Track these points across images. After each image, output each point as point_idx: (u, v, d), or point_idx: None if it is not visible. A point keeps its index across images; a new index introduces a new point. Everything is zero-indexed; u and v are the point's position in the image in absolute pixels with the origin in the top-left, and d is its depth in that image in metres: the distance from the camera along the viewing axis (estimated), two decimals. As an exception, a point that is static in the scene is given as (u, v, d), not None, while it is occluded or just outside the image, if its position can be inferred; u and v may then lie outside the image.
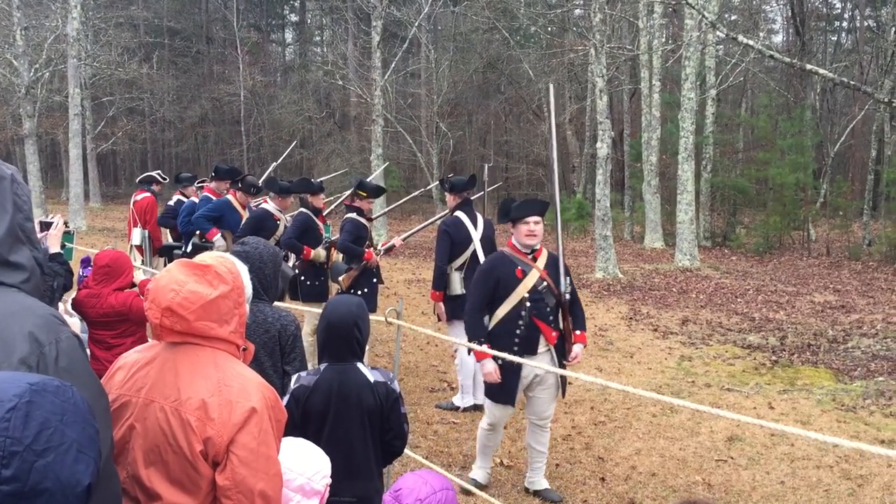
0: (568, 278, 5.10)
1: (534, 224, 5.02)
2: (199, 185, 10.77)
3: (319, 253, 7.53)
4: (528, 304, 4.95)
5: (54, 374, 1.66)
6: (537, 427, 5.21)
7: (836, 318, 11.43)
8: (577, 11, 28.33)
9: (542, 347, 5.03)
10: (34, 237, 1.86)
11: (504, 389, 5.01)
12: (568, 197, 27.61)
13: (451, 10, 33.13)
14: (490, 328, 5.06)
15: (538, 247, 5.12)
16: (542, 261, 5.09)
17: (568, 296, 5.05)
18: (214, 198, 9.09)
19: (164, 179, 11.01)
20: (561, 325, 5.09)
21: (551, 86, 5.53)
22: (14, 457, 1.32)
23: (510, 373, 4.95)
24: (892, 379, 8.06)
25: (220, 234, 8.36)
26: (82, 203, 23.94)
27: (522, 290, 4.96)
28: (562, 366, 5.09)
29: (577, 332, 5.12)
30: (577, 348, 5.12)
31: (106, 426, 1.77)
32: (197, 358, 2.11)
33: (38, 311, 1.75)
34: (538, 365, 4.68)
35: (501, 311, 5.01)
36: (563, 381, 5.20)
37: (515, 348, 4.90)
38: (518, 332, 4.96)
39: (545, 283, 5.02)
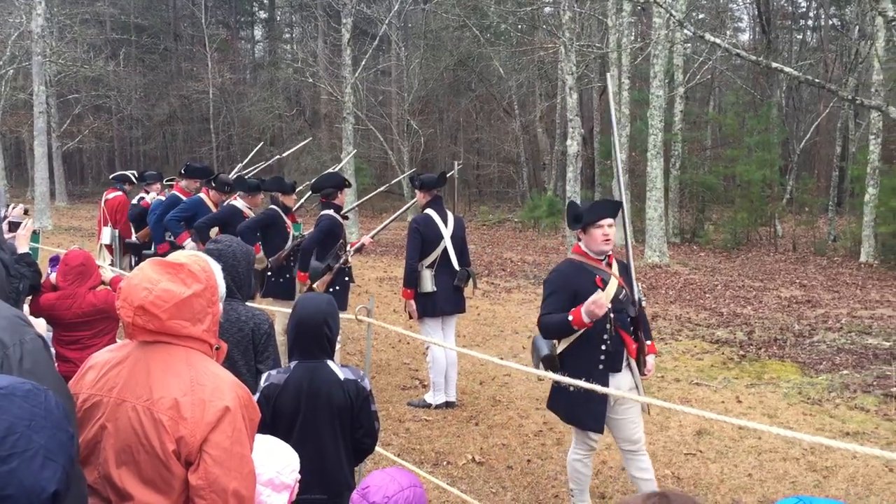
0: (639, 285, 4.66)
1: (608, 227, 4.47)
2: (168, 183, 10.65)
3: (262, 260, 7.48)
4: (611, 315, 4.41)
5: (18, 375, 1.64)
6: (631, 453, 4.63)
7: (802, 312, 11.60)
8: (547, 9, 28.41)
9: (624, 363, 4.56)
10: (1, 238, 1.85)
11: (592, 415, 4.48)
12: (539, 194, 27.75)
13: (422, 8, 33.11)
14: (568, 346, 4.49)
15: (611, 253, 4.61)
16: (615, 268, 4.59)
17: (644, 302, 4.68)
18: (183, 196, 8.99)
19: (136, 181, 10.86)
20: (638, 336, 4.63)
21: (609, 81, 5.03)
22: None
23: (596, 398, 4.34)
24: (856, 372, 8.21)
25: (190, 238, 8.26)
26: (48, 202, 23.60)
27: (606, 301, 4.38)
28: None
29: (649, 343, 4.73)
30: (650, 360, 4.73)
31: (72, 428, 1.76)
32: (169, 357, 2.10)
33: (2, 313, 1.74)
34: (616, 392, 4.14)
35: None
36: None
37: (601, 366, 4.42)
38: (604, 347, 4.43)
39: (624, 292, 4.52)
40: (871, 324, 10.61)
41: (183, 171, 9.43)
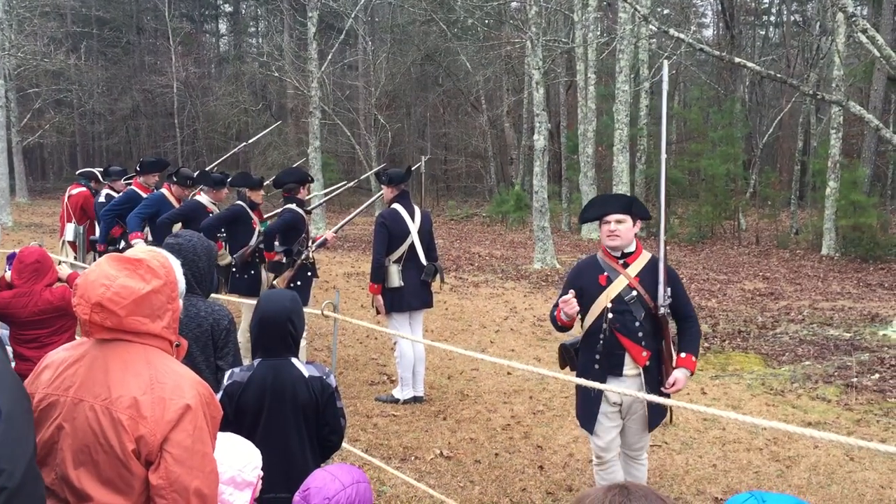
0: (669, 290, 4.28)
1: (615, 223, 4.27)
2: (127, 180, 10.45)
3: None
4: (609, 315, 4.26)
5: None
6: (629, 458, 4.55)
7: (765, 304, 11.77)
8: (514, 4, 28.50)
9: (630, 369, 4.30)
10: None
11: (584, 414, 4.43)
12: (506, 189, 27.81)
13: (388, 2, 33.03)
14: (581, 339, 4.46)
15: (633, 250, 4.35)
16: (636, 267, 4.31)
17: (665, 310, 4.29)
18: (142, 192, 8.83)
19: (101, 177, 10.63)
20: (659, 344, 4.34)
21: (665, 68, 4.60)
22: None
23: (590, 396, 4.35)
24: (818, 363, 8.35)
25: (141, 239, 8.09)
26: (8, 198, 23.14)
27: (604, 300, 4.27)
28: (658, 392, 4.26)
29: (682, 355, 4.34)
30: (678, 373, 4.28)
31: (28, 428, 1.72)
32: (128, 355, 2.06)
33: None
34: (612, 388, 3.96)
35: (586, 323, 4.37)
36: (662, 409, 4.40)
37: (597, 366, 4.32)
38: (598, 347, 4.30)
39: (634, 293, 4.27)
40: (832, 315, 10.79)
41: (139, 167, 9.22)
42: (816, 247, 18.69)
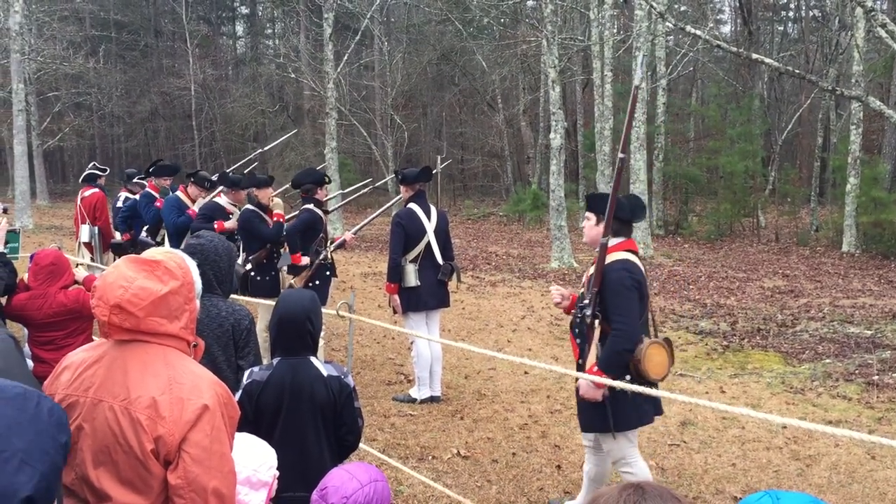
0: (595, 292, 4.20)
1: (585, 220, 4.43)
2: (140, 180, 10.57)
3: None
4: (578, 314, 4.35)
5: None
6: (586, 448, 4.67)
7: (784, 302, 11.68)
8: (530, 3, 28.40)
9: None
10: None
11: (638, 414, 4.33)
12: (523, 188, 27.75)
13: (404, 2, 33.05)
14: None
15: (602, 248, 4.27)
16: (594, 268, 4.30)
17: (584, 311, 4.23)
18: (156, 194, 8.96)
19: (105, 171, 10.79)
20: (584, 348, 4.31)
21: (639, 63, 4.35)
22: None
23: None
24: (838, 361, 8.27)
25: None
26: (28, 201, 23.35)
27: (578, 299, 4.34)
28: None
29: (592, 364, 4.20)
30: (581, 381, 4.21)
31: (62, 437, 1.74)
32: (146, 355, 2.08)
33: (-27, 314, 1.72)
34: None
35: None
36: (587, 413, 4.36)
37: (580, 360, 4.37)
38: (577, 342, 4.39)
39: (582, 293, 4.39)
40: (852, 313, 10.69)
41: (151, 170, 9.39)
42: (837, 244, 18.51)
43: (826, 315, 10.62)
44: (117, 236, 10.07)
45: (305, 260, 7.31)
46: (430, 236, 6.95)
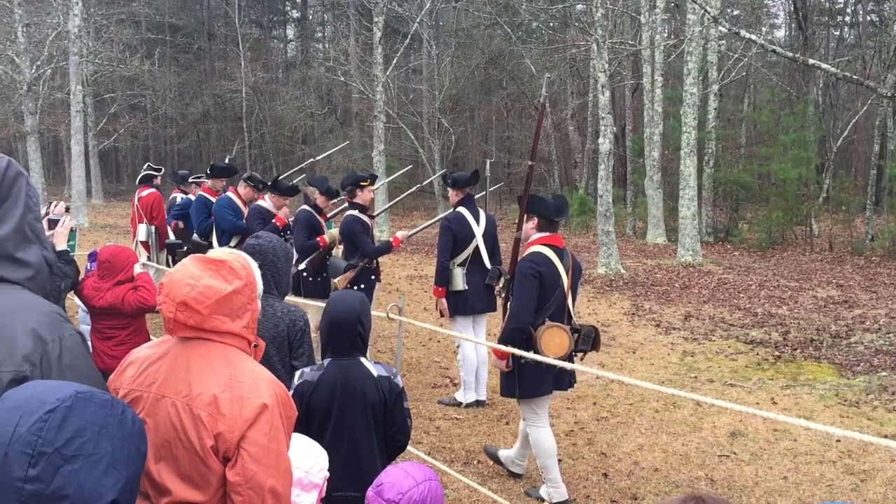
0: (508, 279, 5.29)
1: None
2: (195, 179, 10.83)
3: (333, 234, 7.59)
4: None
5: (57, 370, 1.67)
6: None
7: (838, 313, 11.42)
8: (579, 7, 28.29)
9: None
10: (43, 237, 1.88)
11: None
12: (570, 192, 27.59)
13: (453, 6, 33.10)
14: None
15: (516, 242, 5.53)
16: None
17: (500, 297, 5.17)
18: (210, 196, 9.10)
19: (160, 170, 11.10)
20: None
21: (544, 86, 5.56)
22: (42, 457, 1.35)
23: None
24: (894, 374, 8.06)
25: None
26: (84, 200, 23.95)
27: None
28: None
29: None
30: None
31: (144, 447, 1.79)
32: (209, 353, 2.12)
33: (41, 309, 1.76)
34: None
35: None
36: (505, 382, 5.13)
37: None
38: None
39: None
40: (909, 325, 10.41)
41: (210, 171, 9.60)
42: (893, 254, 18.06)
43: (882, 327, 10.35)
44: (172, 236, 10.28)
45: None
46: (479, 240, 6.95)
